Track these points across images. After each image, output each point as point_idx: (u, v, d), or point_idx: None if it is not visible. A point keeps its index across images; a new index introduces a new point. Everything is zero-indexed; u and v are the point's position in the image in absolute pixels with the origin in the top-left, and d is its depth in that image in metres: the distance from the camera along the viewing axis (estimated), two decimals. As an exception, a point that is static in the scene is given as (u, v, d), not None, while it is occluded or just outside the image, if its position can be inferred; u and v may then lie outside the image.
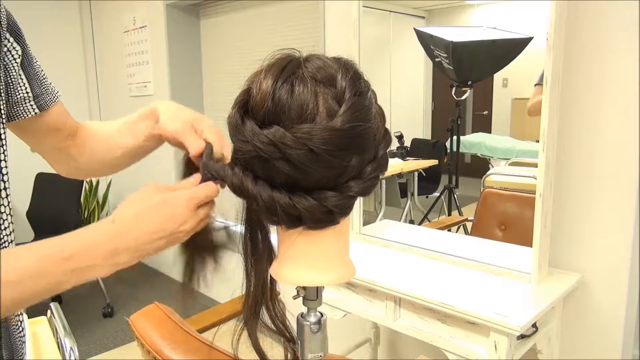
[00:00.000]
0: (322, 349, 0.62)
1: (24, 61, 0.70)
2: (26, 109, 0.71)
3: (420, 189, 2.18)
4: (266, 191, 0.52)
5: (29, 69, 0.71)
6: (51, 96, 0.75)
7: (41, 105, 0.73)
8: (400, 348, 2.02)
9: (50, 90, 0.75)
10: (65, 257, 0.49)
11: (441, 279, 1.43)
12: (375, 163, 0.55)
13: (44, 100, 0.73)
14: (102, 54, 3.87)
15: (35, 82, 0.72)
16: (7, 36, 0.67)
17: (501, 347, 1.19)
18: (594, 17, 1.30)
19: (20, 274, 0.47)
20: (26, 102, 0.71)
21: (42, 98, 0.73)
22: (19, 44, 0.69)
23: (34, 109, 0.72)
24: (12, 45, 0.68)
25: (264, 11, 2.72)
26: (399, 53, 2.24)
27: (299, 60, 0.52)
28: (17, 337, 0.71)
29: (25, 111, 0.71)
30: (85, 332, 2.83)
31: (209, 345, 0.89)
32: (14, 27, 0.68)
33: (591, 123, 1.35)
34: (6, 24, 0.67)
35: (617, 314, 1.37)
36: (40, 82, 0.73)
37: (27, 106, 0.71)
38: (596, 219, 1.37)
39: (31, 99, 0.71)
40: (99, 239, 0.51)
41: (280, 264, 0.59)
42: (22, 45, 0.69)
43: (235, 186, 0.54)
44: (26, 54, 0.71)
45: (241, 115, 0.52)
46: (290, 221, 0.54)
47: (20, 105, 0.70)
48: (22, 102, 0.70)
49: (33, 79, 0.72)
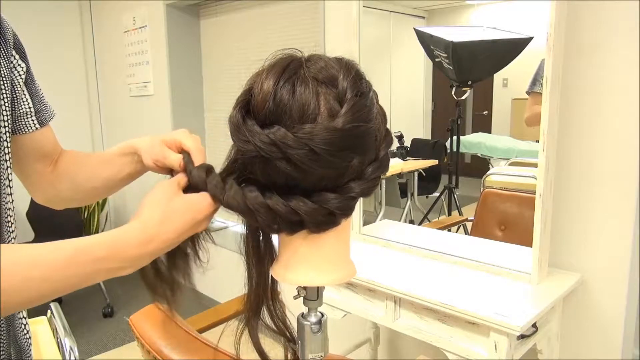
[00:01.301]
0: (323, 349, 0.62)
1: (27, 78, 0.74)
2: (28, 124, 0.75)
3: (420, 189, 2.18)
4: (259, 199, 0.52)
5: (31, 86, 0.75)
6: (49, 113, 0.79)
7: (41, 121, 0.76)
8: (400, 348, 2.02)
9: (48, 107, 0.79)
10: (98, 258, 0.50)
11: (441, 279, 1.43)
12: (377, 163, 0.55)
13: (44, 116, 0.77)
14: (102, 54, 3.87)
15: (36, 98, 0.76)
16: (13, 53, 0.71)
17: (501, 347, 1.19)
18: (594, 17, 1.30)
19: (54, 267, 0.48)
20: (28, 117, 0.74)
21: (42, 114, 0.77)
22: (24, 61, 0.73)
23: (34, 124, 0.75)
24: (17, 62, 0.72)
25: (264, 11, 2.72)
26: (399, 53, 2.25)
27: (301, 61, 0.52)
28: (22, 338, 0.72)
29: (27, 125, 0.74)
30: (85, 332, 2.83)
31: (209, 345, 0.89)
32: (20, 46, 0.73)
33: (591, 123, 1.35)
34: (12, 43, 0.71)
35: (617, 314, 1.37)
36: (40, 100, 0.77)
37: (28, 121, 0.74)
38: (596, 219, 1.37)
39: (33, 114, 0.75)
40: (131, 244, 0.53)
41: (281, 264, 0.59)
42: (26, 64, 0.74)
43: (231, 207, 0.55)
44: (29, 72, 0.75)
45: (242, 115, 0.52)
46: (291, 227, 0.54)
47: (23, 120, 0.74)
48: (24, 116, 0.74)
49: (34, 95, 0.76)
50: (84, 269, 0.50)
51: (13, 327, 0.70)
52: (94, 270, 0.50)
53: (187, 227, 0.55)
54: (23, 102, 0.73)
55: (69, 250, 0.49)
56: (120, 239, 0.53)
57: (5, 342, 0.68)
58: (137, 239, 0.53)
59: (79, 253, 0.50)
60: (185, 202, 0.56)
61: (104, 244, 0.51)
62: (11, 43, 0.70)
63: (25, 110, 0.74)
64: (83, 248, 0.50)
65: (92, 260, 0.50)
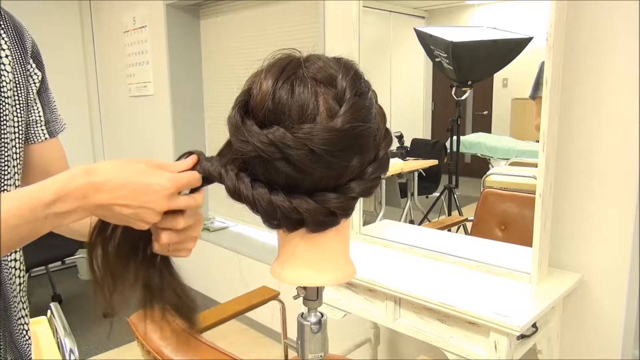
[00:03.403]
0: (323, 349, 0.62)
1: (41, 88, 0.74)
2: (37, 133, 0.74)
3: (420, 189, 2.18)
4: (265, 196, 0.52)
5: (44, 96, 0.75)
6: (59, 125, 0.78)
7: (51, 131, 0.76)
8: (400, 348, 2.02)
9: (59, 120, 0.78)
10: (47, 203, 0.48)
11: (441, 279, 1.43)
12: (377, 163, 0.55)
13: (54, 127, 0.77)
14: (102, 54, 3.87)
15: (47, 108, 0.76)
16: (31, 62, 0.72)
17: (501, 347, 1.19)
18: (594, 17, 1.30)
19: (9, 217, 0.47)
20: (38, 126, 0.74)
21: (52, 125, 0.76)
22: (40, 70, 0.73)
23: (44, 134, 0.75)
24: (34, 70, 0.72)
25: (264, 11, 2.72)
26: (399, 53, 2.24)
27: (300, 61, 0.52)
28: (22, 342, 0.72)
29: (37, 135, 0.74)
30: (85, 332, 2.83)
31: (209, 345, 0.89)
32: (37, 55, 0.73)
33: (591, 123, 1.35)
34: (31, 51, 0.72)
35: (617, 314, 1.37)
36: (51, 110, 0.77)
37: (38, 130, 0.74)
38: (596, 219, 1.37)
39: (43, 123, 0.75)
40: (74, 184, 0.49)
41: (281, 264, 0.59)
42: (42, 72, 0.74)
43: (231, 191, 0.54)
44: (44, 81, 0.75)
45: (241, 115, 0.52)
46: (290, 225, 0.54)
47: (32, 128, 0.74)
48: (34, 124, 0.74)
49: (46, 105, 0.75)
50: (38, 214, 0.48)
51: (10, 332, 0.70)
52: (43, 216, 0.48)
53: (139, 193, 0.50)
54: (34, 110, 0.73)
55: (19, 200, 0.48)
56: (63, 181, 0.49)
57: (2, 348, 0.67)
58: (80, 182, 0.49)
59: (30, 201, 0.48)
60: (147, 167, 0.51)
61: (51, 187, 0.49)
62: (29, 52, 0.71)
63: (35, 119, 0.73)
64: (33, 193, 0.48)
65: (43, 206, 0.48)
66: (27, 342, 0.74)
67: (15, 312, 0.71)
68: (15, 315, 0.71)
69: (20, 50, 0.69)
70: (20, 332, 0.72)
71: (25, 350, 0.73)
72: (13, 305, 0.70)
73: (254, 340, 2.71)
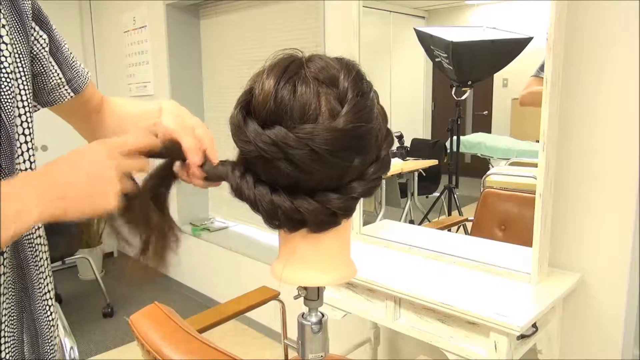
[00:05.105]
0: (323, 349, 0.62)
1: (52, 47, 0.72)
2: (62, 94, 0.74)
3: (420, 189, 2.19)
4: (266, 195, 0.52)
5: (58, 55, 0.73)
6: (83, 78, 0.77)
7: (75, 88, 0.75)
8: (400, 348, 2.02)
9: (81, 72, 0.77)
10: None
11: (441, 279, 1.43)
12: (378, 164, 0.55)
13: (77, 83, 0.76)
14: (102, 54, 3.87)
15: (65, 66, 0.74)
16: (33, 25, 0.68)
17: (501, 347, 1.19)
18: (594, 17, 1.30)
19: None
20: (61, 88, 0.73)
21: (75, 81, 0.75)
22: (44, 31, 0.70)
23: (69, 93, 0.75)
24: (38, 34, 0.69)
25: (264, 11, 2.72)
26: (399, 53, 2.25)
27: (301, 61, 0.52)
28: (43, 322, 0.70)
29: (61, 96, 0.74)
30: (85, 332, 2.83)
31: (209, 345, 0.89)
32: (39, 15, 0.70)
33: (591, 122, 1.35)
34: (31, 13, 0.68)
35: (617, 314, 1.37)
36: (70, 66, 0.75)
37: (62, 91, 0.74)
38: (596, 219, 1.37)
39: (65, 84, 0.74)
40: (28, 181, 0.50)
41: (282, 264, 0.59)
42: (48, 32, 0.71)
43: (234, 189, 0.55)
44: (53, 39, 0.72)
45: (243, 115, 0.52)
46: (292, 225, 0.54)
47: (56, 92, 0.73)
48: (57, 88, 0.73)
49: (63, 63, 0.74)
50: None
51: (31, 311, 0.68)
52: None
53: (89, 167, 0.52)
54: (52, 73, 0.71)
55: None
56: (19, 179, 0.50)
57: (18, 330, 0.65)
58: (35, 175, 0.51)
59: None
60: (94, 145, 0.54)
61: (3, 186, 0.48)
62: (29, 14, 0.67)
63: (57, 82, 0.72)
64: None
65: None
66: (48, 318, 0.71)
67: (40, 289, 0.69)
68: (40, 292, 0.70)
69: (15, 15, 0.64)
70: (43, 308, 0.70)
71: (44, 330, 0.70)
72: (38, 283, 0.69)
73: (254, 340, 2.71)
